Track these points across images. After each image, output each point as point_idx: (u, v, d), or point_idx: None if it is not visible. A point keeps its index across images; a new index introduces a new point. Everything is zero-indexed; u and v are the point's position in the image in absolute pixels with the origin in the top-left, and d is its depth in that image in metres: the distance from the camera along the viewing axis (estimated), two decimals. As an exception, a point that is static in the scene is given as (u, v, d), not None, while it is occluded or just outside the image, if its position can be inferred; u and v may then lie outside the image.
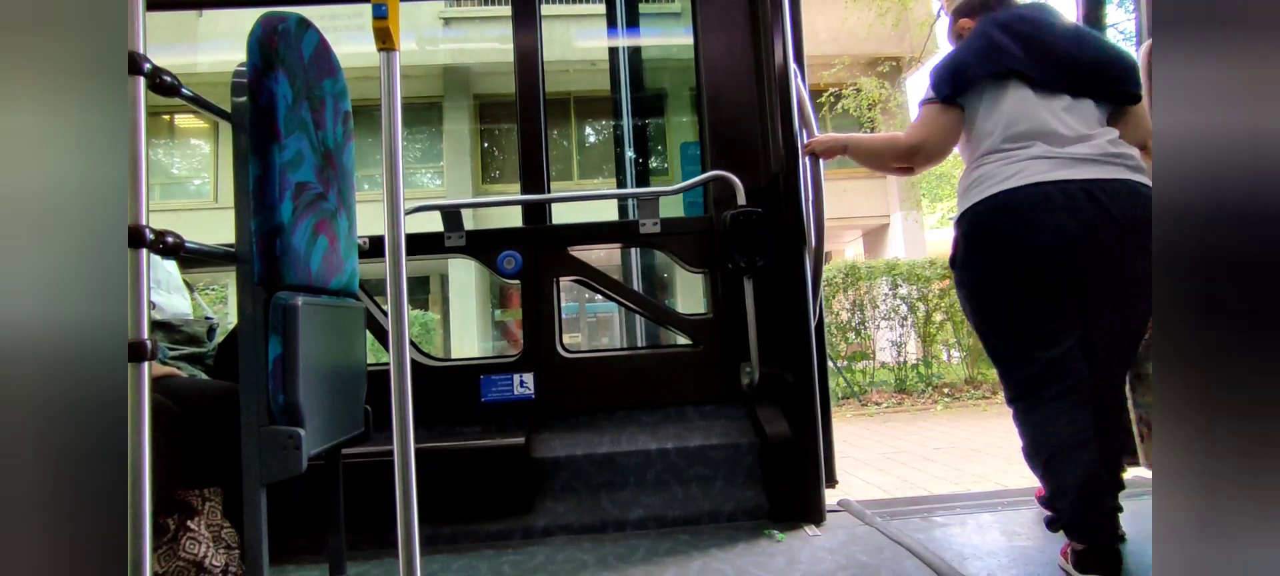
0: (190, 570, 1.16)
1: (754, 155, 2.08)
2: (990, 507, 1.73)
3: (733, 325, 2.02)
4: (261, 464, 1.09)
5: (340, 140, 1.41)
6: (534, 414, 2.00)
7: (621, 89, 2.21)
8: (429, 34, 9.36)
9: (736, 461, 1.85)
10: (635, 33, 3.03)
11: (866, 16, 8.92)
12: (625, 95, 2.09)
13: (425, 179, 9.96)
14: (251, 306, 1.12)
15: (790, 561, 1.42)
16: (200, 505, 1.22)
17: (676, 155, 5.23)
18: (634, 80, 2.94)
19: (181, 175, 9.84)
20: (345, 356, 1.38)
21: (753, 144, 2.09)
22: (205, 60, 8.50)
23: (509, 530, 1.71)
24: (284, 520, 1.64)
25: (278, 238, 1.13)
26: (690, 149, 2.79)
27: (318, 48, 1.31)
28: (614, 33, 2.93)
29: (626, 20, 3.00)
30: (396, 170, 1.15)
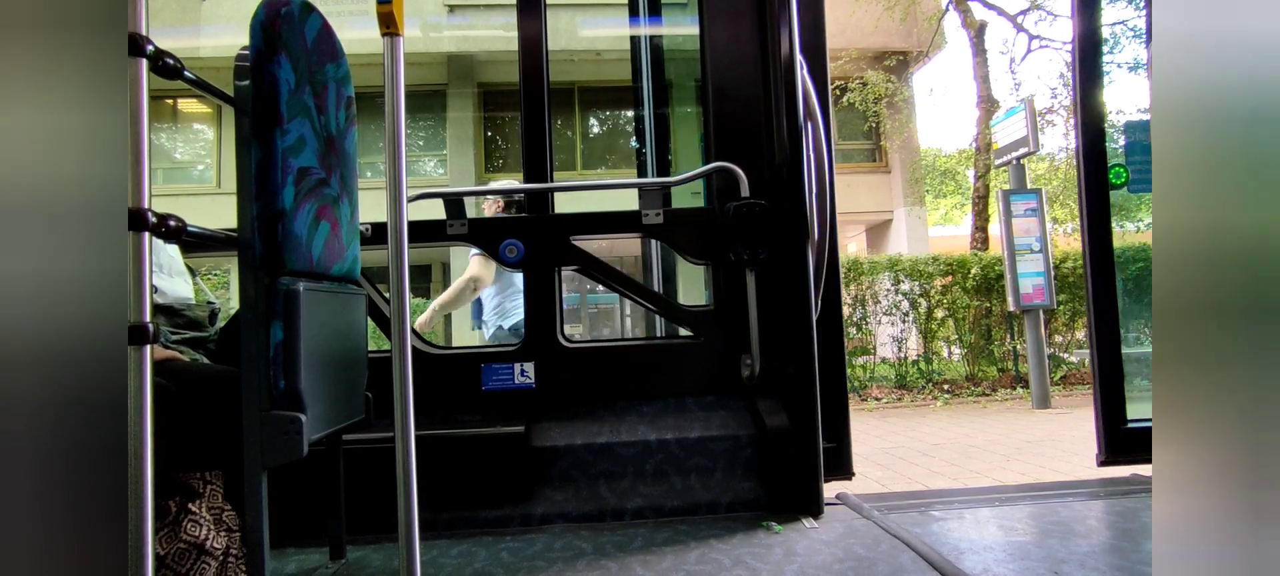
0: (191, 552, 1.17)
1: (758, 147, 2.07)
2: (988, 503, 1.73)
3: (734, 317, 2.01)
4: (263, 448, 1.10)
5: (343, 126, 1.41)
6: (534, 403, 2.01)
7: (643, 79, 2.19)
8: (433, 21, 9.31)
9: (735, 453, 1.85)
10: (658, 22, 3.00)
11: (874, 10, 8.85)
12: (647, 86, 2.09)
13: (428, 167, 9.94)
14: (253, 291, 1.12)
15: (787, 553, 1.43)
16: (202, 488, 1.23)
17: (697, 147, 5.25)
18: (655, 70, 2.91)
19: (184, 160, 9.83)
20: (346, 343, 1.38)
21: (757, 135, 2.08)
22: (208, 44, 8.48)
23: (507, 517, 1.72)
24: (285, 504, 1.65)
25: (280, 223, 1.13)
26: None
27: (321, 31, 1.31)
28: (636, 22, 2.91)
29: (649, 9, 2.97)
30: (399, 156, 1.15)
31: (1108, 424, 1.98)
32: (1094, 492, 1.77)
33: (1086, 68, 2.05)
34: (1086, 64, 2.05)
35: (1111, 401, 1.98)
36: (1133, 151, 2.14)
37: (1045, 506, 1.68)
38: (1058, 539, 1.45)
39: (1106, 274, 2.01)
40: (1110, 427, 1.97)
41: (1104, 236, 2.02)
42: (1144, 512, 1.59)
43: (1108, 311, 2.01)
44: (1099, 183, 2.03)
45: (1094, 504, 1.68)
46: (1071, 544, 1.41)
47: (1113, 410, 1.98)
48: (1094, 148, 2.04)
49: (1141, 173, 2.14)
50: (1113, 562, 1.30)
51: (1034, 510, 1.65)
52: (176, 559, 1.15)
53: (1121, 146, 2.17)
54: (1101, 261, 2.01)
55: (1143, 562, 1.30)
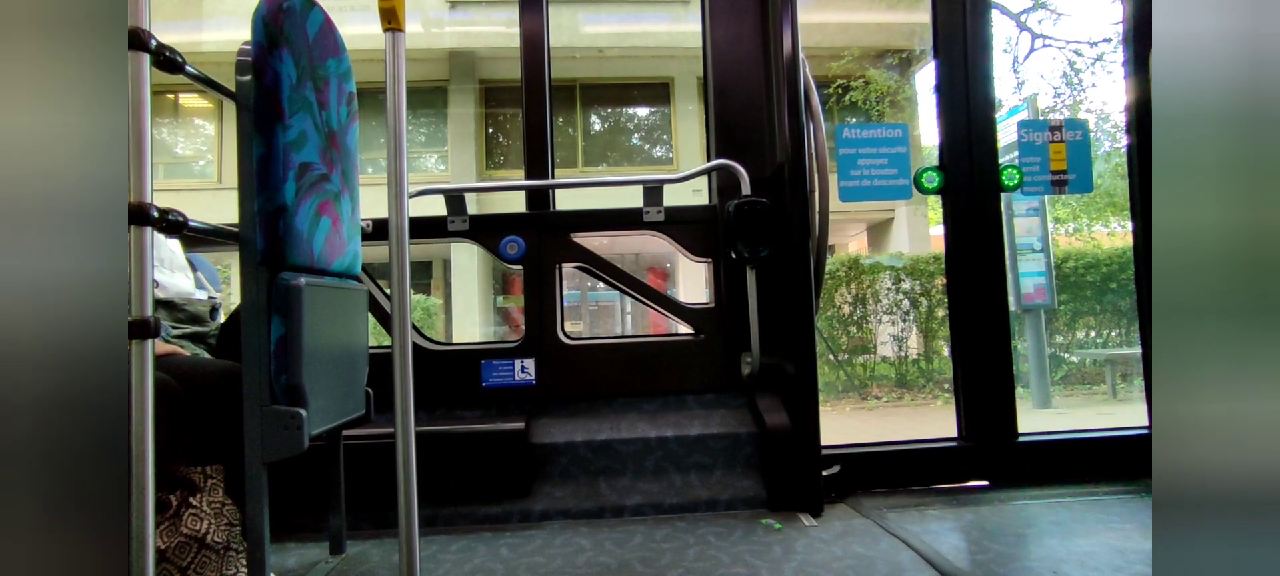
0: (192, 545, 1.17)
1: (760, 145, 2.07)
2: (987, 502, 1.74)
3: (734, 315, 2.01)
4: (263, 443, 1.10)
5: (344, 121, 1.41)
6: (534, 399, 2.01)
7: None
8: (435, 17, 9.30)
9: (735, 450, 1.85)
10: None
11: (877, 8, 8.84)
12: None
13: (430, 163, 9.94)
14: (254, 286, 1.12)
15: (786, 551, 1.43)
16: (202, 482, 1.23)
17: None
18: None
19: (185, 155, 9.84)
20: (347, 338, 1.39)
21: (759, 133, 2.08)
22: (211, 38, 8.47)
23: (507, 513, 1.72)
24: (285, 498, 1.65)
25: (281, 218, 1.13)
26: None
27: (322, 27, 1.31)
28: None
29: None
30: (401, 152, 1.15)
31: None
32: (1093, 492, 1.77)
33: (1140, 62, 1.99)
34: (1140, 61, 2.00)
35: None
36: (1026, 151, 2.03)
37: (1045, 505, 1.68)
38: (1057, 538, 1.45)
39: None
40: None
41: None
42: (1143, 513, 1.59)
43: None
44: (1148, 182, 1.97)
45: (1093, 503, 1.68)
46: (1071, 543, 1.41)
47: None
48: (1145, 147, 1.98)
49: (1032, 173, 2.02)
50: (1112, 562, 1.30)
51: (1035, 510, 1.65)
52: (177, 552, 1.16)
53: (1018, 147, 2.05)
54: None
55: (1142, 562, 1.30)
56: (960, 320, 1.96)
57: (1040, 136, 2.03)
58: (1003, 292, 1.95)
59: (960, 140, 1.97)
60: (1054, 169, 2.02)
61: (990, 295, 1.95)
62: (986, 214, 1.96)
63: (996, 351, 1.94)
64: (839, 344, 6.87)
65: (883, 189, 1.98)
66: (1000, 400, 1.93)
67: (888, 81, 9.39)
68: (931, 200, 10.30)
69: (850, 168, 1.98)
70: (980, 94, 1.98)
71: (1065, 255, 7.44)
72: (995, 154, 1.97)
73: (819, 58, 9.18)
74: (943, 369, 7.14)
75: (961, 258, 1.97)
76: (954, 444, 1.95)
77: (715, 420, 1.93)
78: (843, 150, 1.98)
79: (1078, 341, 7.60)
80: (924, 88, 9.83)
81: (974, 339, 1.94)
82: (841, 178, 1.96)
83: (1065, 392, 7.00)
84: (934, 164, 2.00)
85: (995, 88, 2.00)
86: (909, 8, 9.12)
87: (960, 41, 1.99)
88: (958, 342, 1.96)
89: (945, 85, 1.99)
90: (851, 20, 9.17)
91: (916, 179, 1.99)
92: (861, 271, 6.91)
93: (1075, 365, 7.54)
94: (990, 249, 1.96)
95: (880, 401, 6.50)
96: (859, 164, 1.98)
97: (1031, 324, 6.27)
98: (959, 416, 1.97)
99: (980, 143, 1.97)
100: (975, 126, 1.97)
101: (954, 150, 1.98)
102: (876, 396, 6.62)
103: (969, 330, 1.95)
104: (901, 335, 6.94)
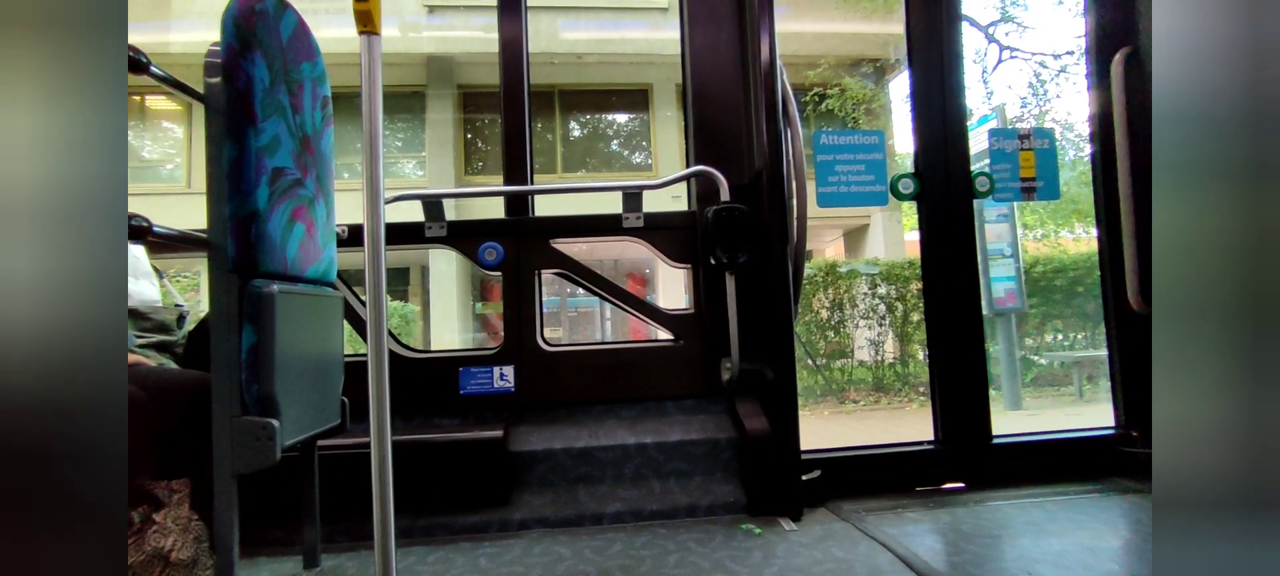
0: (156, 563, 1.13)
1: (738, 151, 2.08)
2: (963, 504, 1.76)
3: (714, 320, 2.02)
4: (233, 455, 1.07)
5: (319, 125, 1.38)
6: (513, 407, 1.99)
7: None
8: (412, 21, 9.21)
9: (715, 456, 1.86)
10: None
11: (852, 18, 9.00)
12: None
13: (407, 169, 9.82)
14: (225, 294, 1.09)
15: (767, 556, 1.44)
16: (167, 497, 1.19)
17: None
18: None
19: (152, 159, 9.57)
20: (322, 346, 1.36)
21: (737, 140, 2.10)
22: (179, 39, 8.27)
23: (486, 523, 1.70)
24: (257, 511, 1.61)
25: (253, 224, 1.11)
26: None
27: (296, 30, 1.28)
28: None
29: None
30: (377, 157, 1.13)
31: None
32: (1064, 492, 1.81)
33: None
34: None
35: None
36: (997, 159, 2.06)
37: (1018, 506, 1.71)
38: (1031, 538, 1.48)
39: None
40: None
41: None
42: (1112, 511, 1.63)
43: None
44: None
45: (1065, 503, 1.72)
46: (1043, 543, 1.44)
47: None
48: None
49: (1004, 180, 2.04)
50: (1083, 560, 1.34)
51: (1009, 511, 1.69)
52: (142, 569, 1.12)
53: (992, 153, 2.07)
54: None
55: (1112, 560, 1.33)
56: (936, 324, 1.99)
57: (1011, 144, 2.08)
58: (976, 297, 1.99)
59: (935, 147, 2.01)
60: (1023, 176, 2.07)
61: (965, 299, 1.99)
62: (961, 219, 2.00)
63: (971, 355, 1.98)
64: (817, 349, 6.94)
65: (859, 195, 2.01)
66: (975, 403, 1.97)
67: (863, 89, 9.55)
68: (905, 206, 10.50)
69: (827, 174, 2.00)
70: (953, 103, 2.02)
71: (1034, 260, 7.63)
72: (968, 160, 2.01)
73: (796, 66, 9.30)
74: (918, 372, 7.26)
75: (937, 262, 2.00)
76: (931, 447, 1.98)
77: (695, 426, 1.93)
78: (820, 156, 2.01)
79: (1046, 344, 7.79)
80: (898, 96, 10.01)
81: (949, 343, 1.98)
82: (819, 184, 1.98)
83: (1035, 394, 7.16)
84: (908, 170, 2.03)
85: (966, 97, 2.05)
86: (883, 18, 9.30)
87: (934, 52, 2.03)
88: (934, 346, 1.99)
89: (920, 94, 2.03)
90: (827, 29, 9.33)
91: (892, 185, 2.02)
92: (839, 277, 7.00)
93: (1044, 367, 7.72)
94: (964, 254, 1.99)
95: (858, 405, 6.57)
96: (836, 170, 2.00)
97: (1003, 328, 6.41)
98: (935, 420, 2.00)
99: (954, 150, 2.01)
100: (949, 134, 2.01)
101: (929, 157, 2.02)
102: (854, 400, 6.70)
103: (945, 334, 1.98)
104: (878, 339, 7.03)
